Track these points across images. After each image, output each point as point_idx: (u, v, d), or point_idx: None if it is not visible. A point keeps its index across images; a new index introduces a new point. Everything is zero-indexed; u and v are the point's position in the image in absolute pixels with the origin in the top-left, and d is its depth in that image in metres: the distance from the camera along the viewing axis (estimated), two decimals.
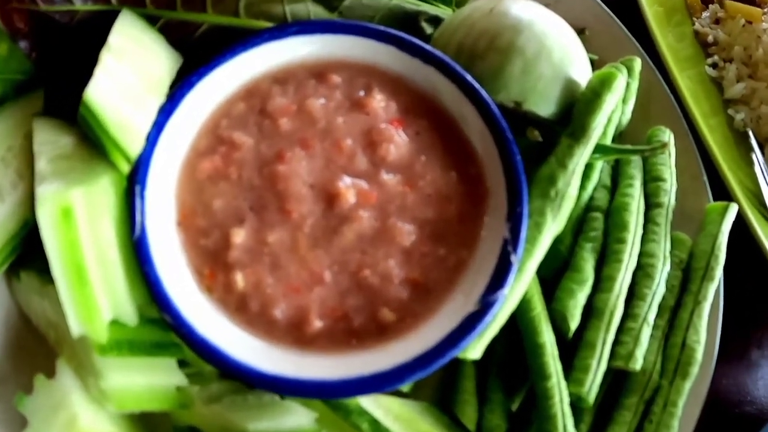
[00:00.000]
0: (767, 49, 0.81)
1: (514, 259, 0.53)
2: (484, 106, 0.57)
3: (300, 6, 0.60)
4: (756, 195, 0.76)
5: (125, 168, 0.51)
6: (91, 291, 0.49)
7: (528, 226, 0.56)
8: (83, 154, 0.54)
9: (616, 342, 0.61)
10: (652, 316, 0.62)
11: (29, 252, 0.58)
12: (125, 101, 0.51)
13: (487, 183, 0.56)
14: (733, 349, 0.76)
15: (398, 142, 0.56)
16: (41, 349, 0.59)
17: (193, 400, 0.55)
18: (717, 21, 0.86)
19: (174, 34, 0.58)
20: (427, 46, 0.58)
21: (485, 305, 0.51)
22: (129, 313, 0.51)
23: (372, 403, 0.54)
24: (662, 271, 0.63)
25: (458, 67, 0.58)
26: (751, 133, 0.78)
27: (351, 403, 0.53)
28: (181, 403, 0.55)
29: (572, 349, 0.61)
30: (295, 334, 0.51)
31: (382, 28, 0.59)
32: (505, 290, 0.52)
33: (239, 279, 0.51)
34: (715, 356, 0.65)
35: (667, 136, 0.68)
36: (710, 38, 0.85)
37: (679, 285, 0.65)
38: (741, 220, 0.70)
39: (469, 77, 0.57)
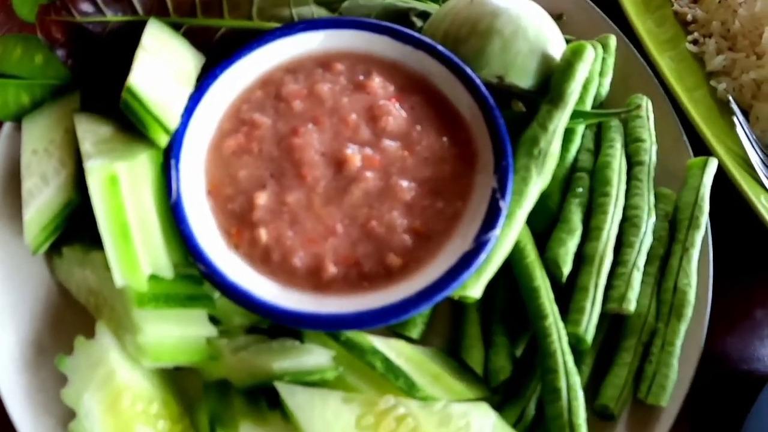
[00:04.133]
0: (743, 22, 0.92)
1: (503, 204, 0.64)
2: (469, 80, 0.70)
3: (305, 9, 0.75)
4: (745, 160, 0.86)
5: (164, 140, 0.65)
6: (133, 247, 0.61)
7: (515, 181, 0.67)
8: (122, 138, 0.68)
9: (609, 287, 0.71)
10: (641, 262, 0.72)
11: (69, 234, 0.70)
12: (161, 88, 0.65)
13: (475, 145, 0.68)
14: (737, 308, 0.85)
15: (396, 114, 0.68)
16: (80, 321, 0.70)
17: (221, 352, 0.65)
18: (695, 0, 0.99)
19: (196, 38, 0.73)
20: (417, 34, 0.72)
21: (479, 244, 0.62)
22: (165, 268, 0.63)
23: (384, 345, 0.64)
24: (648, 221, 0.73)
25: (445, 50, 0.71)
26: (731, 99, 0.89)
27: (365, 343, 0.63)
28: (211, 354, 0.65)
29: (567, 297, 0.70)
30: (312, 279, 0.62)
31: (377, 21, 0.73)
32: (497, 231, 0.63)
33: (263, 234, 0.63)
34: (710, 301, 0.74)
35: (645, 101, 0.80)
36: (689, 17, 0.97)
37: (667, 235, 0.75)
38: (732, 189, 0.78)
39: (455, 58, 0.71)
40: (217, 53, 0.72)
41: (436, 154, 0.67)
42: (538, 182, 0.69)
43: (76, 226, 0.72)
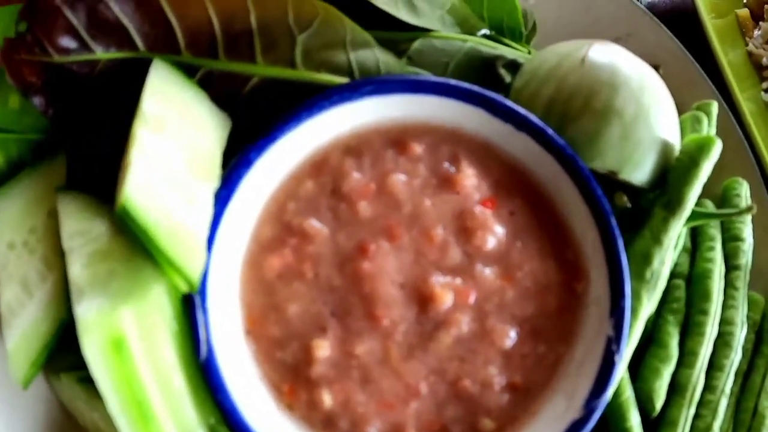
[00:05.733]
0: None
1: (618, 359, 0.54)
2: (583, 180, 0.55)
3: (366, 53, 0.55)
4: None
5: (184, 287, 0.46)
6: (158, 426, 0.45)
7: None
8: (122, 249, 0.49)
9: (696, 415, 0.65)
10: (729, 387, 0.66)
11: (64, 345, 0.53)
12: (174, 197, 0.46)
13: (586, 270, 0.56)
14: None
15: (493, 228, 0.54)
16: None
17: None
18: None
19: (218, 89, 0.52)
20: (521, 110, 0.56)
21: (588, 411, 0.52)
22: None
23: None
24: (740, 338, 0.67)
25: (555, 135, 0.56)
26: None
27: None
28: None
29: (654, 426, 0.64)
30: None
31: (468, 86, 0.55)
32: (609, 393, 0.53)
33: (326, 398, 0.49)
34: None
35: (745, 189, 0.70)
36: (765, 60, 0.86)
37: (752, 348, 0.69)
38: None
39: (567, 147, 0.55)
40: (246, 114, 0.52)
41: (540, 282, 0.54)
42: (647, 309, 0.59)
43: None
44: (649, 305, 0.59)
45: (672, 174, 0.61)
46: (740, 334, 0.67)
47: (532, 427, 0.53)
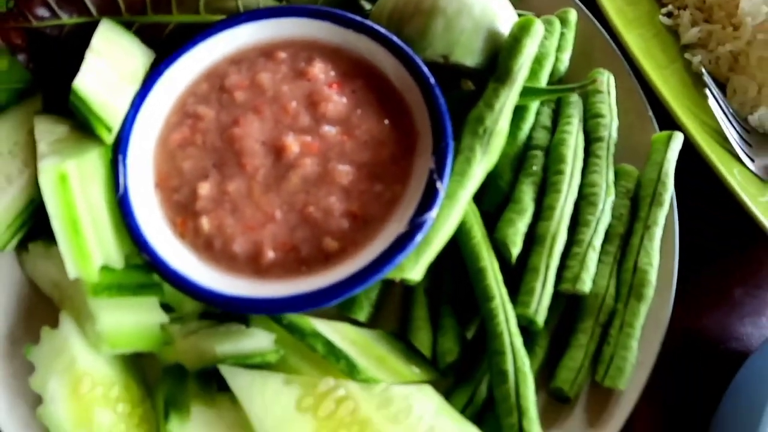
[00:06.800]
0: None
1: (440, 185, 0.66)
2: (410, 62, 0.72)
3: (251, 0, 0.78)
4: (720, 134, 0.84)
5: (108, 138, 0.69)
6: (84, 240, 0.66)
7: (459, 161, 0.69)
8: (76, 137, 0.73)
9: (564, 267, 0.71)
10: (598, 242, 0.72)
11: (34, 232, 0.76)
12: (106, 88, 0.70)
13: (417, 128, 0.70)
14: (715, 286, 0.83)
15: (336, 100, 0.71)
16: (48, 313, 0.75)
17: (174, 337, 0.69)
18: None
19: (147, 35, 0.78)
20: (358, 18, 0.74)
21: (414, 226, 0.64)
22: (116, 259, 0.68)
23: (328, 328, 0.67)
24: (605, 200, 0.73)
25: (386, 32, 0.73)
26: (704, 71, 0.87)
27: (306, 326, 0.66)
28: (165, 340, 0.70)
29: (519, 278, 0.71)
30: (252, 265, 0.66)
31: (318, 6, 0.75)
32: (433, 213, 0.65)
33: (205, 223, 0.67)
34: (674, 281, 0.74)
35: (605, 76, 0.79)
36: None
37: (628, 214, 0.75)
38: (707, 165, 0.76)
39: (395, 39, 0.72)
40: (167, 49, 0.77)
41: (375, 138, 0.69)
42: (483, 162, 0.70)
43: (42, 224, 0.78)
44: (484, 157, 0.70)
45: (501, 53, 0.74)
46: (605, 195, 0.74)
47: (369, 246, 0.65)
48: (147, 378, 0.74)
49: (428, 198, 0.65)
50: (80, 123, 0.72)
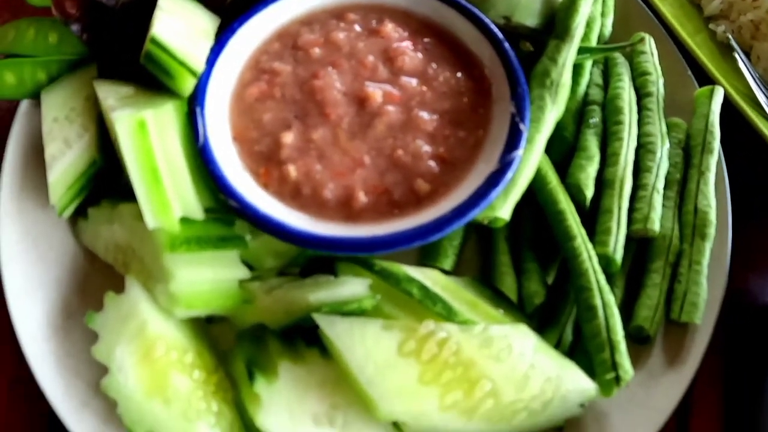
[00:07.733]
0: None
1: (523, 127, 0.69)
2: (477, 20, 0.76)
3: None
4: (751, 98, 0.91)
5: (191, 85, 0.69)
6: (164, 190, 0.65)
7: (531, 110, 0.72)
8: (144, 94, 0.72)
9: (632, 210, 0.74)
10: (660, 185, 0.76)
11: (92, 199, 0.74)
12: (183, 39, 0.70)
13: (490, 78, 0.74)
14: (757, 245, 0.87)
15: (411, 54, 0.74)
16: (107, 283, 0.71)
17: (255, 294, 0.67)
18: None
19: (209, 2, 0.78)
20: None
21: (505, 164, 0.67)
22: (196, 210, 0.67)
23: (419, 274, 0.67)
24: (662, 147, 0.78)
25: None
26: (731, 38, 0.94)
27: (399, 272, 0.66)
28: (245, 298, 0.67)
29: (592, 222, 0.74)
30: (344, 210, 0.66)
31: None
32: (520, 151, 0.68)
33: (291, 170, 0.67)
34: (730, 222, 0.78)
35: (647, 38, 0.86)
36: None
37: (682, 162, 0.80)
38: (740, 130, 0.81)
39: (462, 1, 0.76)
40: (230, 15, 0.77)
41: (453, 88, 0.72)
42: (553, 110, 0.74)
43: (100, 192, 0.75)
44: (554, 106, 0.74)
45: (558, 15, 0.79)
46: (661, 144, 0.78)
47: (460, 186, 0.67)
48: (217, 347, 0.71)
49: (514, 137, 0.68)
50: (148, 82, 0.71)
